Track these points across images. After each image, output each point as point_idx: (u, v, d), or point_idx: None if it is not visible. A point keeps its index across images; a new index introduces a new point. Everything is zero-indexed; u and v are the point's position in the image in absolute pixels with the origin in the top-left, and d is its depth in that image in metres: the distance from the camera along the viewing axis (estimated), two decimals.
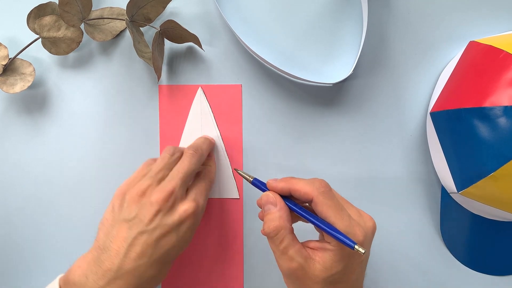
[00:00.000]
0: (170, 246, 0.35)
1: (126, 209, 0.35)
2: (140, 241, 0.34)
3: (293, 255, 0.33)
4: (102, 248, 0.35)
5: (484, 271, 0.45)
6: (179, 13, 0.45)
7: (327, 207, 0.33)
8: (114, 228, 0.35)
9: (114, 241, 0.35)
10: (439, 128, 0.42)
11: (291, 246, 0.33)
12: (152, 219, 0.35)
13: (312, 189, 0.34)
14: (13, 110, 0.46)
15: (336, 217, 0.33)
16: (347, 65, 0.45)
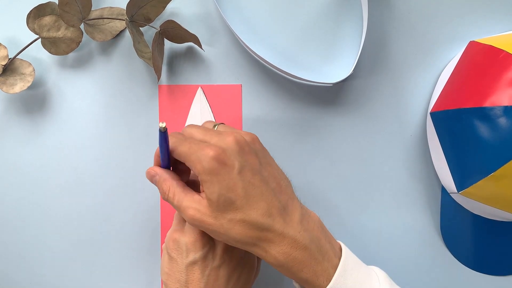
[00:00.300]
0: (239, 274, 0.37)
1: (189, 252, 0.36)
2: (215, 277, 0.36)
3: (187, 204, 0.34)
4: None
5: (484, 271, 0.45)
6: (179, 13, 0.45)
7: (178, 149, 0.34)
8: (183, 274, 0.36)
9: (189, 285, 0.36)
10: (439, 128, 0.42)
11: (183, 198, 0.34)
12: (222, 254, 0.36)
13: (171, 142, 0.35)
14: (13, 110, 0.46)
15: (185, 151, 0.34)
16: (347, 65, 0.45)
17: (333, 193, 0.45)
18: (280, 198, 0.34)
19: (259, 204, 0.33)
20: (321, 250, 0.34)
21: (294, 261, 0.33)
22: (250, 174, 0.33)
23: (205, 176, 0.32)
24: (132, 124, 0.45)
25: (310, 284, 0.33)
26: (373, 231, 0.45)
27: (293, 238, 0.33)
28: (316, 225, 0.35)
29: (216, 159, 0.32)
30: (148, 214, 0.45)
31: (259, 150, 0.35)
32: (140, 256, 0.45)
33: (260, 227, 0.33)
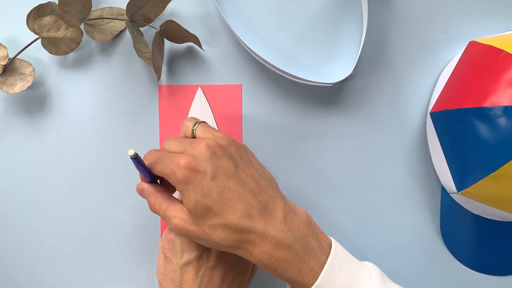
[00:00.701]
0: (234, 276, 0.37)
1: (183, 252, 0.36)
2: (209, 278, 0.36)
3: (171, 213, 0.34)
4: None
5: (484, 271, 0.45)
6: (179, 13, 0.45)
7: (154, 167, 0.35)
8: (177, 274, 0.36)
9: (183, 285, 0.36)
10: (439, 128, 0.42)
11: (168, 208, 0.35)
12: (216, 255, 0.36)
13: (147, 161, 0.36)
14: (12, 110, 0.46)
15: (162, 167, 0.34)
16: (347, 65, 0.45)
17: (333, 193, 0.45)
18: (260, 198, 0.34)
19: (237, 206, 0.33)
20: (306, 249, 0.33)
21: (278, 261, 0.32)
22: (224, 178, 0.33)
23: (180, 186, 0.33)
24: (132, 124, 0.45)
25: (296, 284, 0.33)
26: (373, 231, 0.45)
27: (275, 238, 0.32)
28: (302, 222, 0.34)
29: (187, 168, 0.32)
30: (148, 214, 0.45)
31: (234, 153, 0.35)
32: (140, 256, 0.45)
33: (241, 229, 0.32)
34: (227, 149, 0.35)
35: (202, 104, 0.45)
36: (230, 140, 0.36)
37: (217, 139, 0.35)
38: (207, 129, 0.37)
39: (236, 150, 0.35)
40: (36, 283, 0.46)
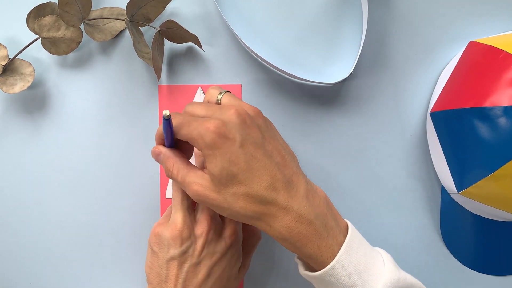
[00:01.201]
0: (221, 271, 0.36)
1: (170, 247, 0.36)
2: (194, 273, 0.35)
3: (191, 179, 0.34)
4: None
5: (484, 271, 0.45)
6: (179, 13, 0.45)
7: (180, 129, 0.34)
8: (163, 268, 0.36)
9: (168, 280, 0.36)
10: (439, 128, 0.42)
11: (187, 174, 0.34)
12: (201, 251, 0.36)
13: (175, 123, 0.35)
14: (13, 110, 0.46)
15: (188, 129, 0.33)
16: (347, 65, 0.45)
17: (333, 192, 0.45)
18: (285, 172, 0.34)
19: (263, 177, 0.32)
20: (326, 226, 0.33)
21: (298, 236, 0.32)
22: (253, 147, 0.33)
23: (207, 151, 0.32)
24: (132, 124, 0.45)
25: (314, 260, 0.33)
26: (373, 230, 0.45)
27: (298, 212, 0.32)
28: (322, 201, 0.34)
29: (216, 132, 0.32)
30: (147, 214, 0.45)
31: (261, 124, 0.35)
32: (140, 256, 0.45)
33: (264, 200, 0.32)
34: (255, 119, 0.34)
35: None
36: (258, 111, 0.35)
37: (245, 108, 0.34)
38: (233, 98, 0.36)
39: (263, 122, 0.35)
40: (36, 283, 0.46)
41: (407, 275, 0.35)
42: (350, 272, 0.33)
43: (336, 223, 0.34)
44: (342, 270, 0.33)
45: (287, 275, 0.46)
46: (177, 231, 0.36)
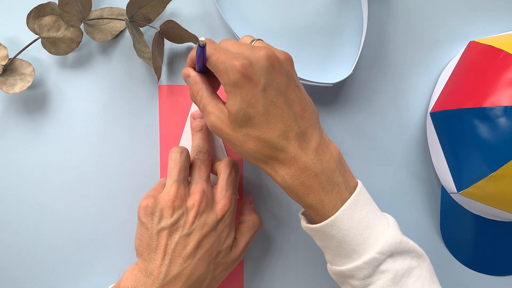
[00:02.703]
0: (210, 245, 0.36)
1: (162, 218, 0.36)
2: (184, 245, 0.36)
3: (210, 109, 0.35)
4: (148, 260, 0.36)
5: (484, 271, 0.45)
6: (179, 13, 0.45)
7: (210, 59, 0.34)
8: (153, 239, 0.36)
9: (157, 250, 0.36)
10: (439, 128, 0.42)
11: (208, 103, 0.35)
12: (192, 222, 0.36)
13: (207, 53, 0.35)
14: (13, 110, 0.46)
15: (215, 60, 0.34)
16: (347, 65, 0.45)
17: None
18: (300, 123, 0.34)
19: (277, 125, 0.33)
20: (331, 181, 0.34)
21: (301, 185, 0.33)
22: (274, 93, 0.33)
23: (229, 87, 0.33)
24: (132, 124, 0.45)
25: (315, 211, 0.34)
26: None
27: (304, 163, 0.33)
28: (332, 157, 0.35)
29: (242, 72, 0.32)
30: None
31: (290, 71, 0.35)
32: None
33: (274, 147, 0.33)
34: (284, 65, 0.34)
35: None
36: (289, 57, 0.35)
37: (277, 52, 0.34)
38: (266, 44, 0.36)
39: (291, 68, 0.35)
40: (36, 283, 0.46)
41: (409, 240, 0.36)
42: (351, 226, 0.33)
43: (343, 180, 0.35)
44: (344, 223, 0.33)
45: (286, 259, 0.46)
46: (170, 202, 0.36)
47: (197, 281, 0.36)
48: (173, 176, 0.38)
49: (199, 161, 0.40)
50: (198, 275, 0.36)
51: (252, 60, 0.33)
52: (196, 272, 0.35)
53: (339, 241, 0.34)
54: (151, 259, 0.36)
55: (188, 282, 0.35)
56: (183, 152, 0.39)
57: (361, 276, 0.33)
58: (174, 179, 0.37)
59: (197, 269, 0.36)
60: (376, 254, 0.33)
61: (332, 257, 0.36)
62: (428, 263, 0.36)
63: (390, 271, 0.33)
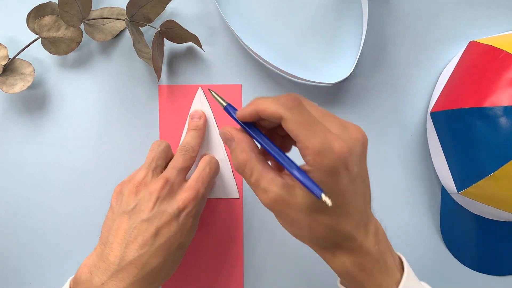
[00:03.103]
0: (171, 234, 0.35)
1: (124, 202, 0.36)
2: (141, 230, 0.35)
3: (266, 186, 0.29)
4: (105, 243, 0.35)
5: (484, 271, 0.45)
6: (179, 13, 0.45)
7: (296, 124, 0.28)
8: (115, 222, 0.36)
9: (116, 234, 0.35)
10: (439, 128, 0.42)
11: (263, 177, 0.30)
12: (152, 208, 0.35)
13: (279, 106, 0.28)
14: (13, 110, 0.46)
15: (308, 133, 0.27)
16: (347, 65, 0.45)
17: None
18: (368, 210, 0.32)
19: (354, 216, 0.30)
20: (386, 264, 0.32)
21: (362, 272, 0.31)
22: (360, 182, 0.30)
23: (320, 172, 0.27)
24: (132, 124, 0.45)
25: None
26: None
27: (367, 250, 0.31)
28: (383, 237, 0.33)
29: (342, 160, 0.27)
30: None
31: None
32: None
33: (345, 236, 0.30)
34: (367, 148, 0.30)
35: (202, 104, 0.45)
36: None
37: (364, 135, 0.30)
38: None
39: (366, 152, 0.31)
40: (36, 283, 0.46)
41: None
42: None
43: (393, 259, 0.33)
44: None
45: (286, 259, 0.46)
46: (134, 187, 0.36)
47: (154, 271, 0.34)
48: (145, 163, 0.38)
49: (179, 153, 0.40)
50: (155, 264, 0.34)
51: (350, 145, 0.28)
52: (153, 261, 0.34)
53: None
54: (108, 242, 0.35)
55: (144, 270, 0.34)
56: (161, 144, 0.40)
57: None
58: (144, 166, 0.38)
59: (154, 258, 0.34)
60: None
61: None
62: None
63: None
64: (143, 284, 0.34)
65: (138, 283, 0.33)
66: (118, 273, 0.33)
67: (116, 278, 0.33)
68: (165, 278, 0.36)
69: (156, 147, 0.40)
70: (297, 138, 0.28)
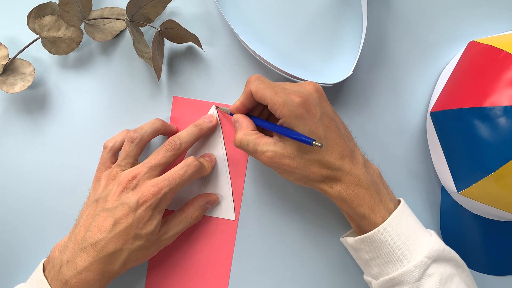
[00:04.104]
0: (127, 225, 0.37)
1: (98, 191, 0.40)
2: (101, 217, 0.38)
3: (263, 148, 0.38)
4: (76, 225, 0.39)
5: (484, 271, 0.45)
6: (179, 13, 0.45)
7: (262, 91, 0.37)
8: (88, 208, 0.40)
9: (85, 219, 0.39)
10: (439, 128, 0.42)
11: (258, 143, 0.38)
12: (116, 199, 0.38)
13: (248, 85, 0.38)
14: (13, 110, 0.46)
15: (271, 94, 0.37)
16: (347, 65, 0.45)
17: None
18: (349, 142, 0.39)
19: (334, 147, 0.37)
20: (379, 193, 0.38)
21: (355, 197, 0.37)
22: (328, 120, 0.38)
23: (291, 120, 0.36)
24: (132, 124, 0.45)
25: (367, 219, 0.37)
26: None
27: (358, 177, 0.37)
28: (376, 173, 0.40)
29: (302, 105, 0.36)
30: None
31: (327, 99, 0.39)
32: None
33: (332, 167, 0.37)
34: (324, 95, 0.39)
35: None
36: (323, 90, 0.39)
37: (318, 85, 0.39)
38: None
39: (326, 99, 0.39)
40: None
41: (451, 250, 0.38)
42: (400, 232, 0.37)
43: (387, 192, 0.39)
44: (393, 229, 0.37)
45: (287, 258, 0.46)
46: (107, 179, 0.40)
47: (112, 255, 0.37)
48: (118, 161, 0.41)
49: (163, 148, 0.40)
50: (112, 250, 0.37)
51: (306, 93, 0.37)
52: (110, 246, 0.37)
53: (390, 246, 0.36)
54: (78, 224, 0.39)
55: (101, 253, 0.37)
56: (134, 141, 0.41)
57: (412, 279, 0.36)
58: (118, 163, 0.41)
59: (111, 244, 0.37)
60: (424, 258, 0.36)
61: (381, 266, 0.37)
62: (467, 274, 0.39)
63: (436, 275, 0.36)
64: (101, 264, 0.37)
65: (97, 264, 0.37)
66: (81, 252, 0.37)
67: (79, 257, 0.37)
68: (127, 263, 0.38)
69: (128, 145, 0.41)
70: (265, 100, 0.37)
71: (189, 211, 0.42)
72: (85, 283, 0.37)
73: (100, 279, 0.37)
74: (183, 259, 0.45)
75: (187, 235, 0.45)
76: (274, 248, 0.45)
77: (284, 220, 0.45)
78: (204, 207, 0.44)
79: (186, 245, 0.45)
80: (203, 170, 0.42)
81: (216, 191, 0.45)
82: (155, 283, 0.45)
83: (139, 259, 0.39)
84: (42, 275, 0.38)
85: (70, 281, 0.36)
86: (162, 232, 0.40)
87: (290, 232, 0.45)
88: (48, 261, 0.39)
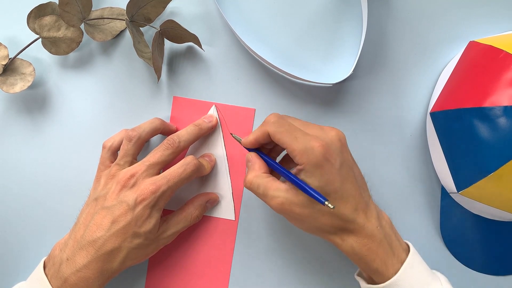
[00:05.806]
0: (126, 223, 0.37)
1: (98, 189, 0.40)
2: (100, 215, 0.38)
3: (274, 193, 0.36)
4: (76, 223, 0.40)
5: (484, 271, 0.45)
6: (179, 13, 0.45)
7: (280, 135, 0.36)
8: (88, 207, 0.40)
9: (85, 217, 0.39)
10: (439, 128, 0.42)
11: (269, 187, 0.36)
12: (114, 197, 0.38)
13: (266, 125, 0.37)
14: (13, 110, 0.46)
15: (291, 139, 0.35)
16: (347, 65, 0.45)
17: None
18: (364, 194, 0.37)
19: (349, 199, 0.36)
20: (392, 246, 0.37)
21: (368, 251, 0.36)
22: (346, 170, 0.36)
23: (310, 168, 0.35)
24: (132, 124, 0.45)
25: (380, 274, 0.36)
26: None
27: (371, 231, 0.36)
28: (387, 223, 0.38)
29: (323, 154, 0.35)
30: None
31: (348, 148, 0.38)
32: None
33: (346, 219, 0.36)
34: (346, 143, 0.38)
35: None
36: (344, 135, 0.38)
37: (340, 132, 0.38)
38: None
39: (347, 147, 0.38)
40: None
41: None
42: (412, 284, 0.36)
43: (399, 243, 0.38)
44: (405, 282, 0.36)
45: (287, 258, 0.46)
46: (107, 178, 0.40)
47: (110, 253, 0.37)
48: (117, 160, 0.41)
49: (162, 147, 0.40)
50: (111, 248, 0.37)
51: (327, 141, 0.36)
52: (109, 244, 0.37)
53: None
54: (78, 222, 0.39)
55: (100, 251, 0.37)
56: (132, 139, 0.41)
57: None
58: (117, 162, 0.41)
59: (109, 242, 0.37)
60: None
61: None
62: None
63: None
64: (100, 262, 0.37)
65: (95, 262, 0.37)
66: (80, 250, 0.37)
67: (78, 254, 0.37)
68: (126, 261, 0.38)
69: (126, 143, 0.41)
70: (284, 145, 0.36)
71: (189, 210, 0.42)
72: (84, 281, 0.37)
73: (99, 277, 0.37)
74: (183, 258, 0.45)
75: (187, 234, 0.45)
76: (274, 248, 0.45)
77: (284, 220, 0.45)
78: (204, 206, 0.43)
79: (186, 245, 0.45)
80: (202, 169, 0.42)
81: (216, 191, 0.45)
82: (155, 283, 0.45)
83: (138, 258, 0.39)
84: (43, 272, 0.38)
85: (69, 278, 0.37)
86: (161, 231, 0.40)
87: (290, 232, 0.45)
88: (49, 259, 0.39)
